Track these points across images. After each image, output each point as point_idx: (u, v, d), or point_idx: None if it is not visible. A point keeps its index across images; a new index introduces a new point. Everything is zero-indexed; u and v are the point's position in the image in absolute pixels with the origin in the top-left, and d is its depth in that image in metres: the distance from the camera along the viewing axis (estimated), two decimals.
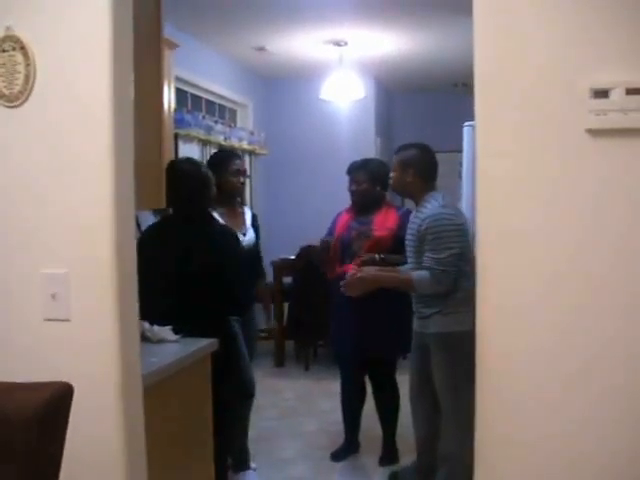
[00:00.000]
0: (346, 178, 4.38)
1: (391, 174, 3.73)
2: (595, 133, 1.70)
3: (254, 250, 4.19)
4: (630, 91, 1.67)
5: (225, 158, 4.20)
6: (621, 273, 1.73)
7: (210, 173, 3.46)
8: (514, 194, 1.77)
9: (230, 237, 3.46)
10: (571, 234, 1.75)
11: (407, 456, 4.30)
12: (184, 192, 3.20)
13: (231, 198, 4.15)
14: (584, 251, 1.75)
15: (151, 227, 3.44)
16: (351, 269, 3.83)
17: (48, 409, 1.49)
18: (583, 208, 1.74)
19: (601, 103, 1.69)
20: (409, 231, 3.58)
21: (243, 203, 4.31)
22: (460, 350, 3.34)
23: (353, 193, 4.31)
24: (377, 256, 4.07)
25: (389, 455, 4.35)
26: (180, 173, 3.23)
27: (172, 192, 3.03)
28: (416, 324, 3.66)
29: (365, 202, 4.28)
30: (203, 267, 3.19)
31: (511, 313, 1.80)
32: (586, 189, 1.73)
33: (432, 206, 3.45)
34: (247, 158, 7.38)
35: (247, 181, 4.21)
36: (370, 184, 4.28)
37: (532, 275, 1.79)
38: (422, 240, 3.42)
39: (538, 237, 1.77)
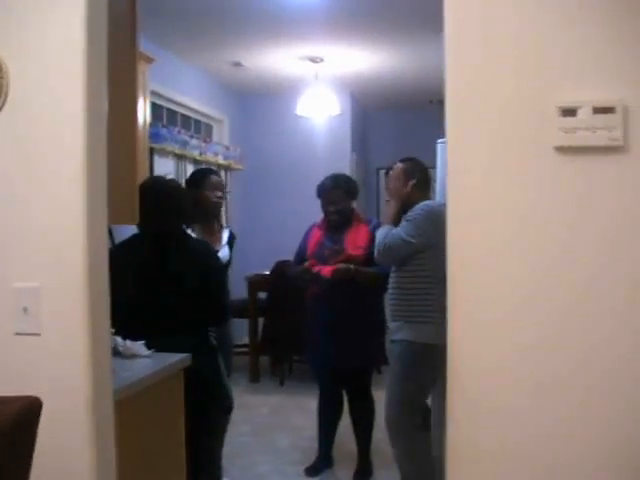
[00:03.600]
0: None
1: (390, 185, 3.84)
2: (564, 150, 1.73)
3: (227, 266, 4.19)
4: (597, 110, 1.71)
5: (203, 174, 4.21)
6: (591, 287, 1.75)
7: (184, 190, 3.46)
8: (483, 210, 1.80)
9: (208, 248, 3.46)
10: (540, 249, 1.77)
11: (381, 470, 4.31)
12: (160, 208, 3.18)
13: (208, 215, 4.14)
14: (554, 265, 1.77)
15: (123, 243, 3.41)
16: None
17: (16, 424, 1.48)
18: (552, 223, 1.76)
19: (569, 121, 1.72)
20: None
21: (221, 224, 4.29)
22: (421, 363, 3.40)
23: (331, 213, 4.28)
24: (352, 267, 4.09)
25: (364, 470, 4.35)
26: (155, 190, 3.22)
27: (148, 209, 3.04)
28: (390, 330, 3.71)
29: (341, 220, 4.30)
30: (184, 279, 3.17)
31: (482, 328, 1.82)
32: (555, 205, 1.76)
33: (425, 202, 3.61)
34: (223, 173, 7.38)
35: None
36: (347, 202, 4.30)
37: (502, 290, 1.81)
38: None
39: (508, 252, 1.80)
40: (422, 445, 3.46)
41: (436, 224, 3.38)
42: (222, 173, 7.31)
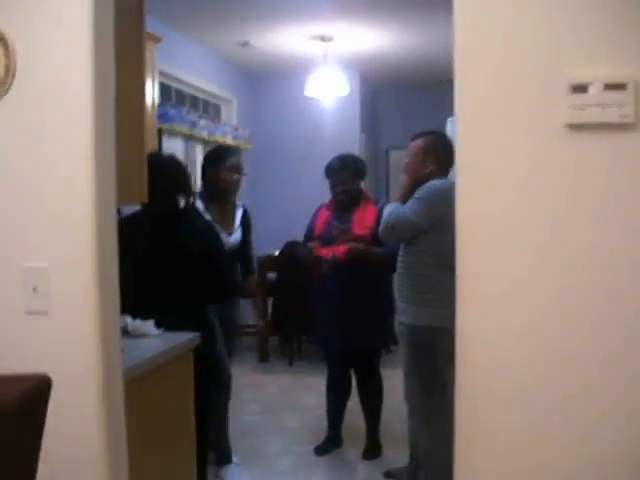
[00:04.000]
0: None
1: (405, 159, 3.68)
2: (574, 127, 1.72)
3: (238, 250, 4.17)
4: (608, 86, 1.69)
5: (221, 154, 4.17)
6: (599, 263, 1.74)
7: (180, 164, 3.44)
8: (493, 188, 1.79)
9: (209, 227, 3.46)
10: (551, 226, 1.76)
11: (391, 450, 4.33)
12: (165, 185, 3.19)
13: (224, 195, 4.12)
14: (563, 242, 1.76)
15: (129, 217, 3.41)
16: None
17: (26, 401, 1.49)
18: (562, 200, 1.75)
19: (580, 98, 1.70)
20: None
21: (235, 204, 4.26)
22: (430, 347, 3.37)
23: (339, 194, 4.27)
24: (361, 246, 4.09)
25: (372, 449, 4.37)
26: (159, 167, 3.22)
27: (154, 184, 3.04)
28: (398, 311, 3.69)
29: (350, 201, 4.29)
30: (183, 256, 3.18)
31: (492, 306, 1.82)
32: (565, 182, 1.75)
33: (434, 181, 3.49)
34: None
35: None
36: (356, 182, 4.30)
37: (513, 266, 1.80)
38: None
39: (519, 230, 1.79)
40: (441, 417, 3.42)
41: (444, 204, 3.34)
42: None
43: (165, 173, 3.26)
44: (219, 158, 4.09)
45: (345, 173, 4.27)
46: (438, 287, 3.31)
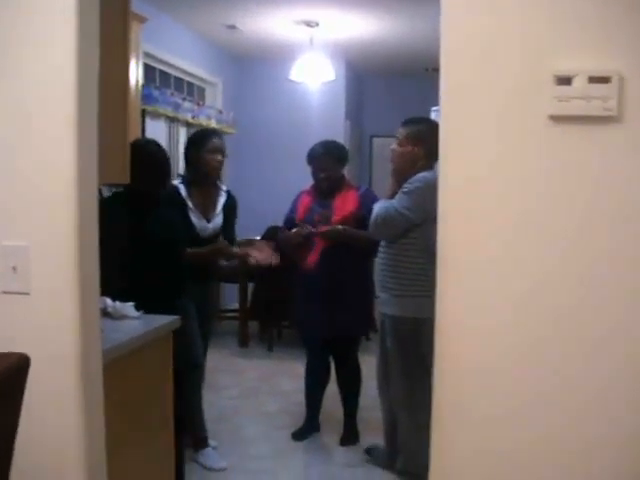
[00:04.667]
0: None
1: (393, 146, 3.67)
2: (558, 119, 1.73)
3: (218, 235, 4.14)
4: (593, 79, 1.69)
5: (204, 135, 4.14)
6: (581, 253, 1.76)
7: (167, 156, 3.45)
8: (476, 178, 1.79)
9: (171, 221, 3.50)
10: (533, 217, 1.77)
11: (368, 436, 4.35)
12: (140, 172, 3.18)
13: (206, 177, 4.09)
14: (546, 235, 1.77)
15: (103, 201, 3.42)
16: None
17: (3, 380, 1.48)
18: (545, 191, 1.76)
19: (564, 90, 1.71)
20: None
21: (220, 188, 4.23)
22: (416, 337, 3.38)
23: (322, 180, 4.27)
24: (340, 227, 4.09)
25: (350, 435, 4.39)
26: (138, 154, 3.21)
27: (139, 170, 3.03)
28: (379, 301, 3.69)
29: (332, 187, 4.29)
30: (151, 242, 3.21)
31: (473, 296, 1.83)
32: (548, 173, 1.75)
33: (424, 173, 3.47)
34: None
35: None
36: (338, 168, 4.29)
37: (494, 261, 1.81)
38: None
39: (501, 220, 1.80)
40: (421, 403, 3.44)
41: (433, 196, 3.35)
42: None
43: (148, 162, 3.26)
44: (202, 140, 4.06)
45: (327, 159, 4.26)
46: (424, 278, 3.31)
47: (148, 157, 3.32)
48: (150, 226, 3.31)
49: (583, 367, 1.78)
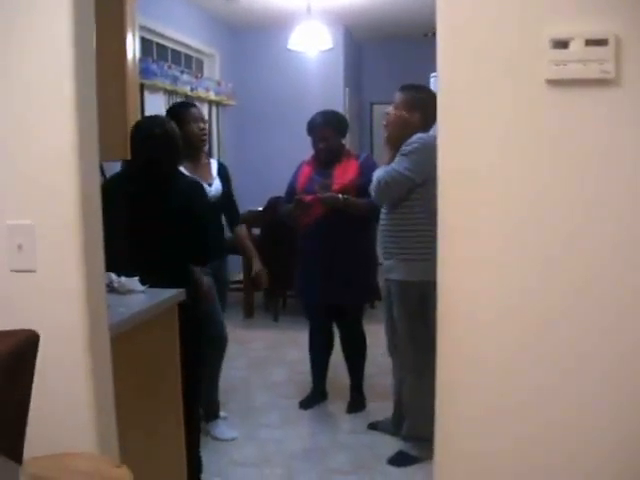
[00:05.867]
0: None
1: (389, 109, 3.66)
2: (555, 83, 1.72)
3: (222, 200, 4.16)
4: (589, 42, 1.69)
5: (182, 109, 4.11)
6: (582, 217, 1.76)
7: (177, 130, 3.41)
8: (475, 142, 1.80)
9: (197, 188, 3.44)
10: (531, 182, 1.78)
11: (374, 404, 4.40)
12: (152, 152, 3.16)
13: (195, 149, 4.08)
14: (544, 199, 1.78)
15: (115, 177, 3.40)
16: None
17: (15, 356, 1.51)
18: (543, 155, 1.76)
19: (561, 54, 1.70)
20: None
21: (209, 155, 4.24)
22: (422, 300, 3.40)
23: (322, 150, 4.27)
24: (340, 196, 4.10)
25: (356, 403, 4.44)
26: (146, 133, 3.19)
27: (139, 151, 3.03)
28: (384, 269, 3.71)
29: (332, 157, 4.28)
30: (170, 217, 3.18)
31: (473, 262, 1.84)
32: (546, 137, 1.76)
33: (419, 134, 3.47)
34: (214, 109, 7.32)
35: (210, 130, 4.12)
36: (337, 138, 4.29)
37: (493, 226, 1.82)
38: None
39: (499, 186, 1.80)
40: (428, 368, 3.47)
41: (432, 156, 3.35)
42: (213, 109, 7.25)
43: (164, 137, 3.23)
44: (182, 111, 4.04)
45: (327, 129, 4.26)
46: (428, 240, 3.32)
47: (167, 137, 3.27)
48: (168, 200, 3.24)
49: (589, 349, 1.79)
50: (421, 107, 3.53)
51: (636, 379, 1.77)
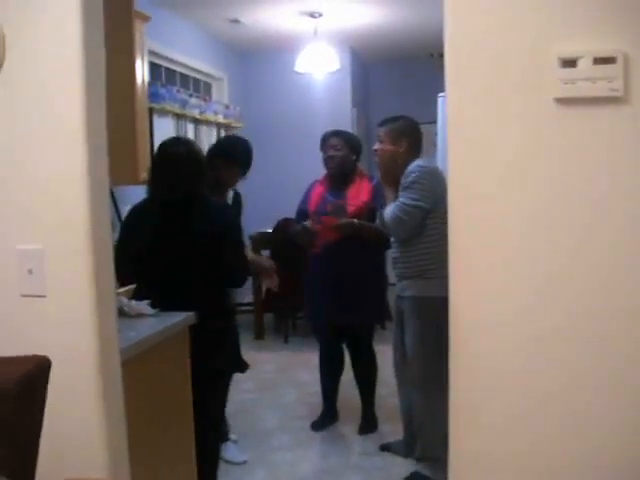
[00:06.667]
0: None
1: (376, 146, 3.70)
2: (564, 102, 1.72)
3: None
4: (598, 60, 1.69)
5: (247, 150, 4.14)
6: (590, 236, 1.76)
7: (201, 155, 3.40)
8: (484, 163, 1.79)
9: (225, 211, 3.44)
10: (539, 201, 1.77)
11: (386, 425, 4.37)
12: (178, 173, 3.15)
13: (226, 188, 4.09)
14: (552, 217, 1.77)
15: (140, 205, 3.36)
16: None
17: (27, 382, 1.50)
18: (552, 175, 1.76)
19: (569, 72, 1.70)
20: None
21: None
22: (434, 317, 3.39)
23: (331, 159, 4.25)
24: (356, 221, 4.09)
25: (368, 424, 4.41)
26: (172, 155, 3.19)
27: (164, 174, 3.02)
28: (396, 288, 3.70)
29: (342, 171, 4.26)
30: (199, 243, 3.16)
31: (484, 278, 1.83)
32: (556, 156, 1.75)
33: (414, 163, 3.50)
34: (222, 132, 7.35)
35: None
36: (348, 150, 4.27)
37: (504, 245, 1.81)
38: None
39: (507, 203, 1.80)
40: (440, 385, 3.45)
41: (435, 181, 3.36)
42: (222, 132, 7.28)
43: (190, 160, 3.22)
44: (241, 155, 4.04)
45: (338, 139, 4.27)
46: (441, 259, 3.33)
47: (192, 160, 3.25)
48: (197, 224, 3.20)
49: (597, 362, 1.78)
50: (406, 135, 3.62)
51: None
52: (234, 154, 4.05)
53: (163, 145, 3.26)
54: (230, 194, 4.21)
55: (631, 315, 1.75)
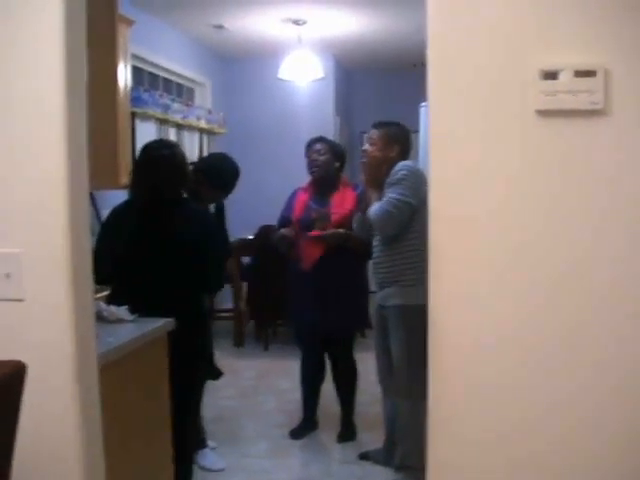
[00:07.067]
0: (305, 157, 4.36)
1: (366, 147, 3.70)
2: (545, 114, 1.73)
3: None
4: (579, 73, 1.70)
5: (233, 177, 4.13)
6: (573, 248, 1.76)
7: (185, 158, 3.38)
8: (465, 174, 1.80)
9: (206, 215, 3.43)
10: (521, 214, 1.78)
11: (365, 433, 4.37)
12: (160, 176, 3.14)
13: (207, 203, 4.05)
14: (535, 230, 1.78)
15: (121, 208, 3.33)
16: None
17: (2, 387, 1.49)
18: (534, 187, 1.77)
19: (550, 84, 1.72)
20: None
21: None
22: (419, 325, 3.38)
23: (314, 163, 4.25)
24: (342, 231, 4.09)
25: (347, 432, 4.41)
26: (155, 158, 3.17)
27: (146, 176, 3.00)
28: (377, 297, 3.69)
29: (326, 176, 4.26)
30: (178, 247, 3.15)
31: (463, 291, 1.83)
32: (536, 168, 1.76)
33: (401, 164, 3.51)
34: (205, 137, 7.34)
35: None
36: (331, 156, 4.27)
37: (484, 257, 1.82)
38: None
39: (489, 217, 1.80)
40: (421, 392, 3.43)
41: (420, 182, 3.37)
42: (204, 137, 7.27)
43: (171, 163, 3.21)
44: (229, 180, 4.03)
45: (321, 144, 4.30)
46: (423, 266, 3.33)
47: (174, 162, 3.24)
48: (178, 227, 3.20)
49: (601, 362, 1.79)
50: (398, 142, 3.64)
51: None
52: (219, 180, 4.01)
53: (146, 147, 3.24)
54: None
55: (621, 327, 1.76)
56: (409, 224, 3.47)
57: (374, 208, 3.54)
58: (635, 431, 1.77)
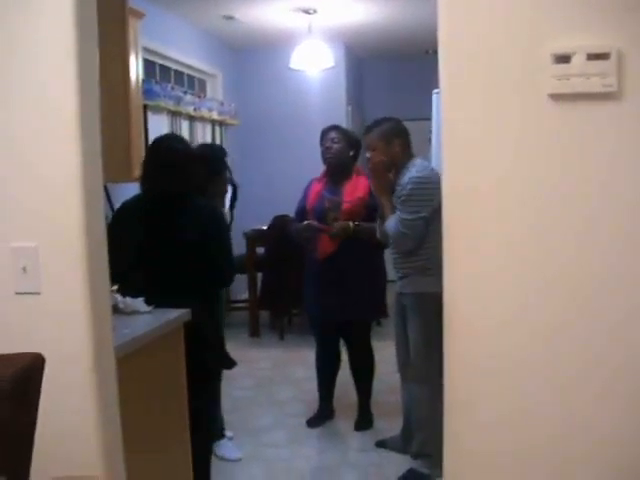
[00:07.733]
0: (318, 147, 4.36)
1: (368, 154, 3.67)
2: (557, 98, 1.72)
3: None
4: (591, 56, 1.69)
5: (223, 159, 4.07)
6: (589, 233, 1.76)
7: (193, 153, 3.38)
8: (478, 160, 1.79)
9: (214, 212, 3.43)
10: (536, 196, 1.77)
11: (382, 421, 4.38)
12: (170, 170, 3.15)
13: (213, 198, 4.05)
14: (548, 212, 1.77)
15: (131, 201, 3.33)
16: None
17: (20, 380, 1.50)
18: (547, 171, 1.76)
19: (563, 68, 1.70)
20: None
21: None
22: (436, 313, 3.38)
23: (328, 151, 4.27)
24: (351, 223, 4.10)
25: (364, 420, 4.42)
26: (165, 151, 3.18)
27: (156, 169, 3.00)
28: (397, 285, 3.70)
29: (340, 164, 4.27)
30: (187, 240, 3.15)
31: (478, 275, 1.83)
32: (550, 152, 1.75)
33: (410, 173, 3.49)
34: (217, 129, 7.34)
35: None
36: (345, 144, 4.28)
37: (498, 236, 1.81)
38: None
39: (504, 202, 1.80)
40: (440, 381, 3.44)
41: (431, 187, 3.35)
42: (217, 128, 7.27)
43: (184, 157, 3.21)
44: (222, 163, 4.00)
45: (336, 132, 4.30)
46: (440, 258, 3.33)
47: (166, 155, 3.21)
48: (182, 221, 3.19)
49: (608, 345, 1.78)
50: (396, 135, 3.61)
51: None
52: (212, 166, 3.96)
53: (156, 141, 3.24)
54: (228, 195, 4.19)
55: (633, 308, 1.75)
56: (426, 232, 3.46)
57: (390, 225, 3.53)
58: None
